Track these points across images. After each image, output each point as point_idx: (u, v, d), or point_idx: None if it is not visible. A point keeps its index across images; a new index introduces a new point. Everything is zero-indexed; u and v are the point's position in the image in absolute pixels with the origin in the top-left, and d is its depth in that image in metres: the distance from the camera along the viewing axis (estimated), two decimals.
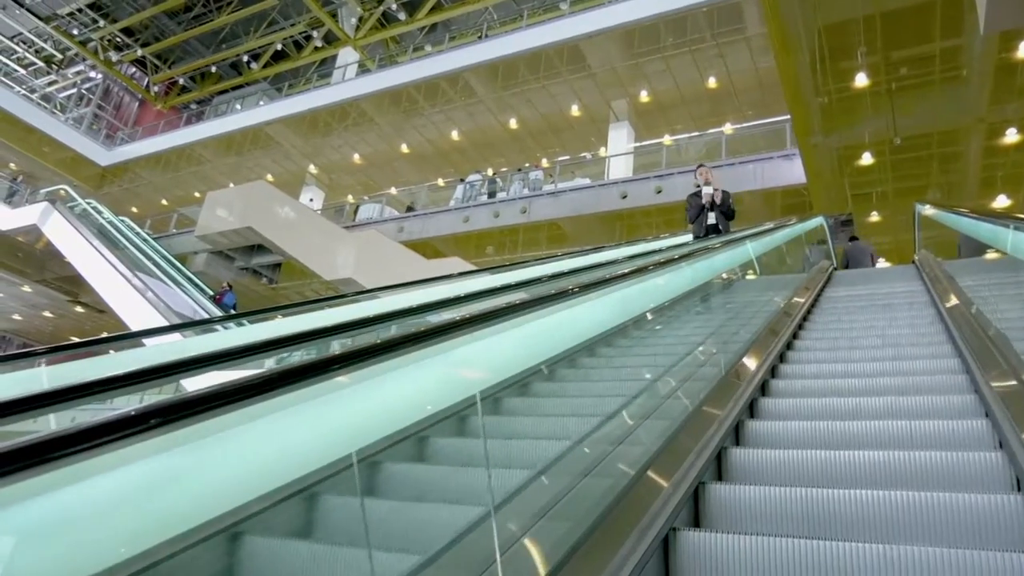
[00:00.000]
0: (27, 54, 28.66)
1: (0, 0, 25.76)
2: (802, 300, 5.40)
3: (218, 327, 4.44)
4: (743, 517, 2.06)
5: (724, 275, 5.53)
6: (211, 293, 15.27)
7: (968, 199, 12.72)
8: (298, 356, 1.79)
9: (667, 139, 17.38)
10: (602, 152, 18.09)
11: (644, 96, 17.19)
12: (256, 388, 1.00)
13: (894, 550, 1.62)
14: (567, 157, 19.09)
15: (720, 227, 7.21)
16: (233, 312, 14.08)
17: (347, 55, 22.97)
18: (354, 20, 23.08)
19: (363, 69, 21.30)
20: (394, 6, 22.40)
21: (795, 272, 7.94)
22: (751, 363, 3.39)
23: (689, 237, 7.53)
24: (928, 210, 9.09)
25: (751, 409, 3.01)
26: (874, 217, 13.89)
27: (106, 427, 0.79)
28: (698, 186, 7.58)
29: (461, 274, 6.45)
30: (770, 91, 14.96)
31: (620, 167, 16.59)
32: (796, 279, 6.69)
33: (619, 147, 17.27)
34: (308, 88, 21.26)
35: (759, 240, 6.43)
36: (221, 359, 1.49)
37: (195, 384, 1.04)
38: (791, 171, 13.08)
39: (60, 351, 2.67)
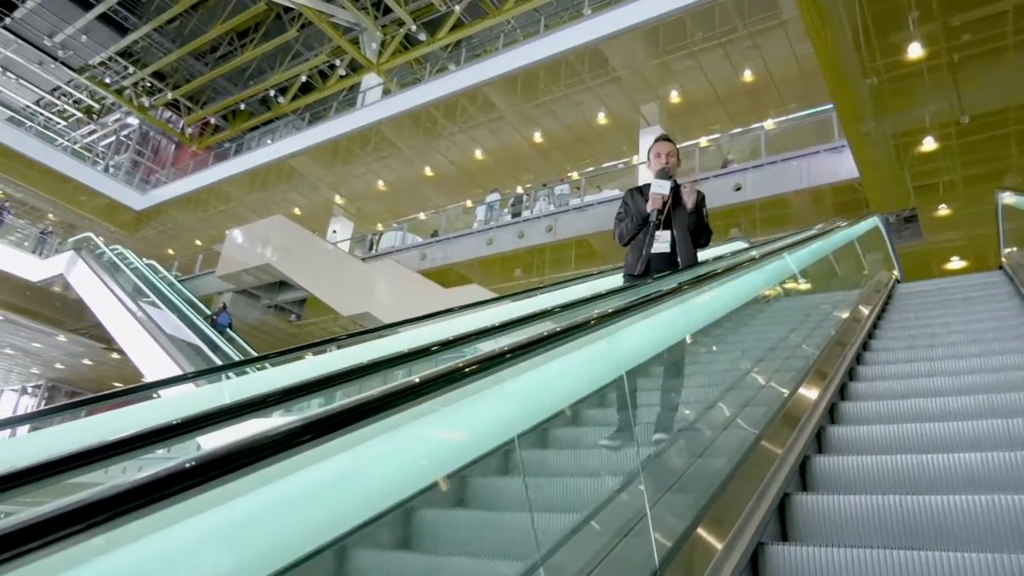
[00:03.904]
0: (67, 106, 29.25)
1: (36, 56, 26.32)
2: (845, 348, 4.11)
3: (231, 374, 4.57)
4: (834, 528, 2.01)
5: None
6: (208, 315, 15.54)
7: None
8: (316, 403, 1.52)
9: (703, 141, 16.01)
10: (635, 160, 16.85)
11: (675, 96, 15.92)
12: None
13: (1006, 559, 1.51)
14: (591, 169, 17.90)
15: (680, 256, 3.46)
16: (229, 330, 14.94)
17: (371, 80, 22.43)
18: (375, 45, 22.55)
19: (385, 93, 20.70)
20: (414, 27, 21.82)
21: (847, 289, 6.37)
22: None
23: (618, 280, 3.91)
24: (1009, 198, 7.58)
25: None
26: (942, 211, 12.22)
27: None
28: (647, 186, 3.68)
29: (466, 306, 5.46)
30: (814, 79, 13.50)
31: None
32: (845, 300, 5.36)
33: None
34: (328, 117, 20.72)
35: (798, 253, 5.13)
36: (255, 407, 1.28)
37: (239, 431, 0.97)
38: (841, 165, 11.62)
39: (107, 399, 2.87)
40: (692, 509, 1.83)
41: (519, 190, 18.49)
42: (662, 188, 3.46)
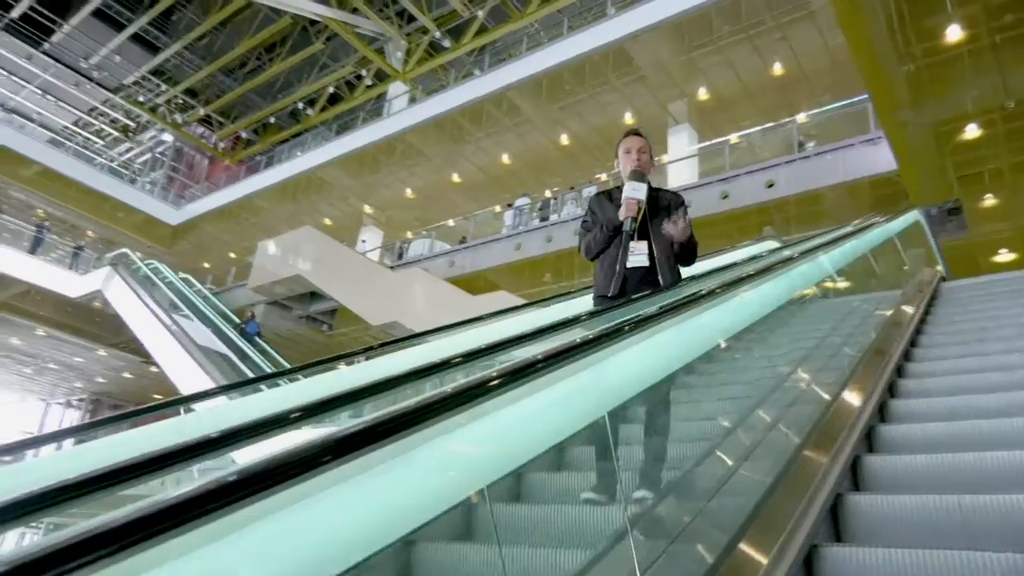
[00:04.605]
0: (104, 126, 29.92)
1: (74, 78, 26.98)
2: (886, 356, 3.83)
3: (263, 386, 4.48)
4: (889, 529, 1.97)
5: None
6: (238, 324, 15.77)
7: None
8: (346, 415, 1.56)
9: (733, 138, 15.58)
10: (664, 159, 16.48)
11: (703, 94, 15.53)
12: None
13: None
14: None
15: (660, 273, 2.88)
16: (258, 338, 15.19)
17: (398, 89, 22.44)
18: (400, 54, 22.57)
19: (411, 101, 20.67)
20: (438, 35, 21.77)
21: (888, 288, 5.96)
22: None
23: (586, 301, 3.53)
24: None
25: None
26: (988, 201, 11.60)
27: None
28: (616, 189, 3.03)
29: (495, 313, 5.29)
30: (846, 69, 13.01)
31: (683, 174, 14.95)
32: (886, 300, 5.00)
33: (679, 153, 15.62)
34: (355, 128, 20.76)
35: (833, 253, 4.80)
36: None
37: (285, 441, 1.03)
38: (878, 157, 11.14)
39: (143, 413, 2.98)
40: (740, 514, 1.80)
41: (547, 194, 18.25)
42: (637, 191, 2.86)
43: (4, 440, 2.80)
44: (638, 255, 2.84)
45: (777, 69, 14.47)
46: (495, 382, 1.31)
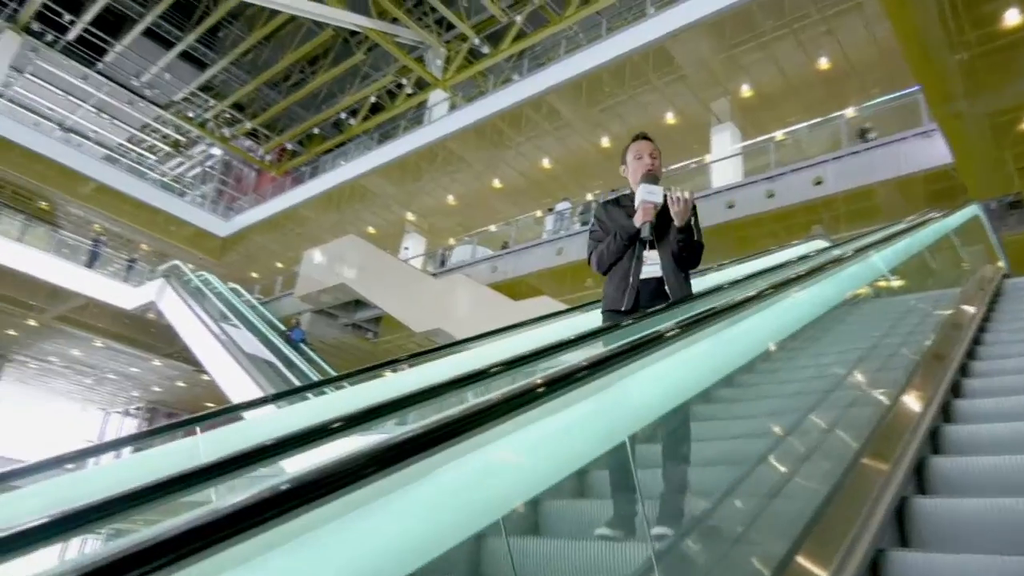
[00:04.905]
0: (156, 142, 30.87)
1: (126, 96, 27.91)
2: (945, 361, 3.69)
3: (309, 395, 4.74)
4: (957, 533, 1.89)
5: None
6: (283, 330, 16.17)
7: None
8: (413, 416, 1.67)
9: (778, 135, 15.25)
10: (707, 159, 16.24)
11: (746, 91, 15.27)
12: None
13: None
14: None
15: (668, 285, 2.70)
16: (302, 345, 15.56)
17: (438, 96, 22.62)
18: (440, 62, 22.76)
19: (452, 108, 20.82)
20: (477, 41, 21.91)
21: (945, 287, 5.72)
22: None
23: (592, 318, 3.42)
24: None
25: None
26: None
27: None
28: (624, 196, 2.93)
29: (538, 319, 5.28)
30: (896, 61, 12.64)
31: (727, 174, 14.70)
32: (944, 299, 4.82)
33: (723, 152, 15.37)
34: (396, 136, 21.00)
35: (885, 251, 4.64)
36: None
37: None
38: (932, 151, 10.77)
39: (196, 422, 3.23)
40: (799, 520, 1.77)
41: (588, 197, 18.14)
42: (654, 195, 2.68)
43: (68, 449, 2.90)
44: (651, 265, 2.70)
45: (823, 63, 14.15)
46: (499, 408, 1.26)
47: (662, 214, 2.69)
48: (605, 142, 17.60)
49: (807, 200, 12.29)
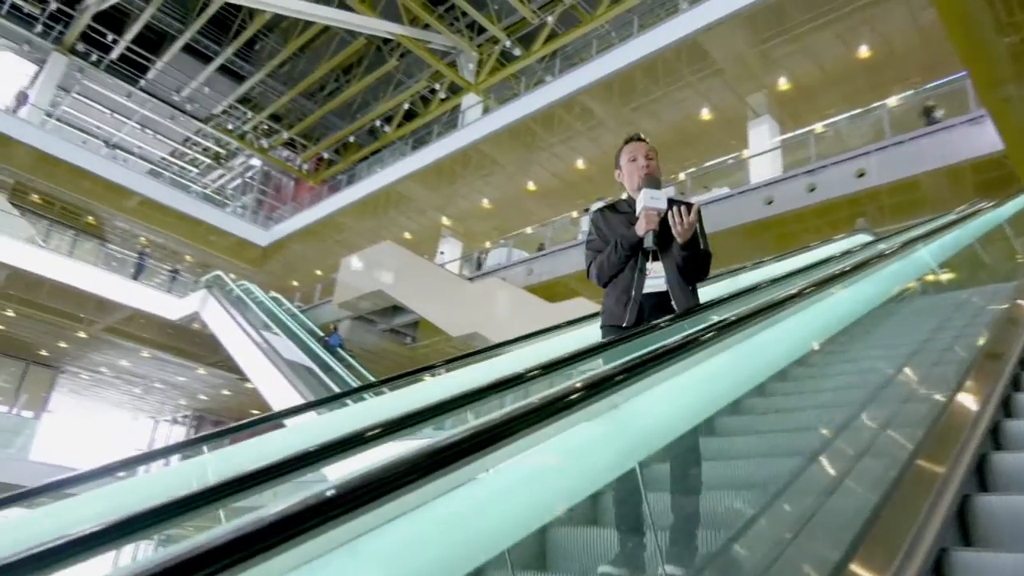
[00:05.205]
0: (197, 155, 31.60)
1: (168, 111, 28.62)
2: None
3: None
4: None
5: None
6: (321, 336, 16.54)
7: None
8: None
9: (818, 127, 14.93)
10: (744, 154, 15.99)
11: (783, 84, 14.99)
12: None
13: None
14: (693, 169, 17.11)
15: (673, 298, 2.47)
16: (340, 350, 15.84)
17: (471, 100, 22.71)
18: (472, 66, 22.87)
19: (485, 111, 20.88)
20: (508, 44, 21.95)
21: (999, 281, 5.46)
22: None
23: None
24: None
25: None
26: None
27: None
28: (622, 201, 2.81)
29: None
30: (940, 47, 12.30)
31: (765, 168, 14.45)
32: (999, 294, 4.64)
33: (761, 146, 15.11)
34: (430, 141, 21.12)
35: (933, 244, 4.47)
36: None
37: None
38: (981, 138, 10.42)
39: (239, 429, 3.47)
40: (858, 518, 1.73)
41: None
42: (657, 200, 2.45)
43: (119, 457, 2.95)
44: (655, 278, 2.48)
45: (862, 52, 13.81)
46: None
47: (664, 222, 2.47)
48: None
49: (850, 193, 11.99)
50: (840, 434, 2.39)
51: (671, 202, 2.49)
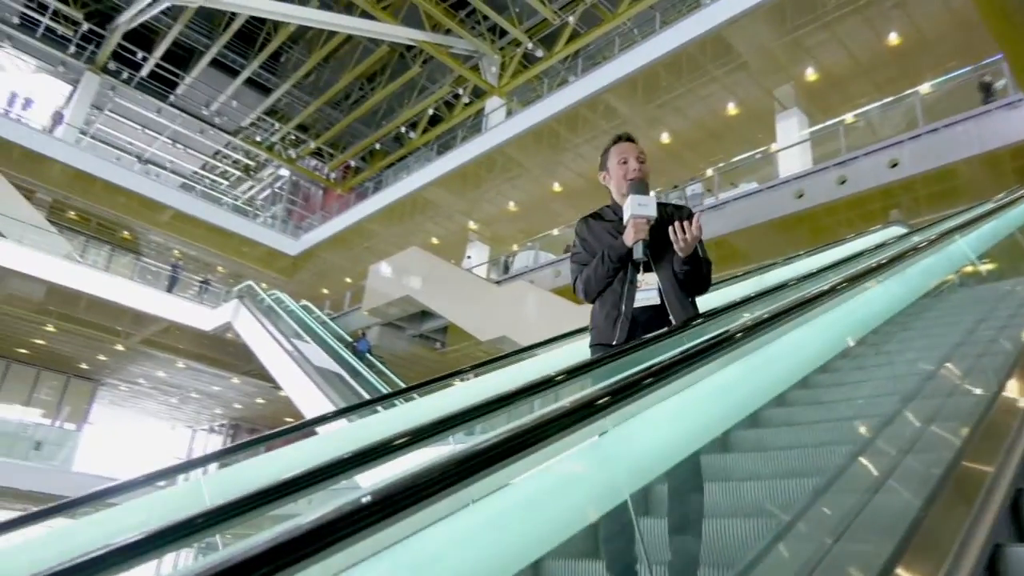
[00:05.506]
0: (227, 167, 32.12)
1: (198, 126, 29.14)
2: None
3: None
4: None
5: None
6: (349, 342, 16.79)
7: None
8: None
9: (848, 118, 14.67)
10: (772, 147, 15.76)
11: (811, 74, 14.75)
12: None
13: None
14: (722, 164, 16.90)
15: (671, 312, 2.24)
16: (368, 355, 16.08)
17: (495, 103, 22.75)
18: (495, 69, 22.93)
19: (508, 114, 20.90)
20: (530, 45, 21.96)
21: None
22: None
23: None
24: None
25: None
26: None
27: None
28: (607, 208, 2.52)
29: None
30: (974, 30, 12.01)
31: (795, 162, 14.23)
32: None
33: (789, 139, 14.89)
34: (454, 146, 21.20)
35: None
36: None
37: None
38: (1020, 122, 10.15)
39: (272, 438, 3.58)
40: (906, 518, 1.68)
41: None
42: (646, 207, 2.22)
43: (158, 466, 2.99)
44: (647, 291, 2.24)
45: (892, 39, 13.54)
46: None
47: (658, 229, 2.25)
48: (664, 138, 17.33)
49: (883, 184, 11.74)
50: (886, 429, 2.33)
51: (665, 208, 2.33)
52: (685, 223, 2.15)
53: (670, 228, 2.16)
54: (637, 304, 2.24)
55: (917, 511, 1.71)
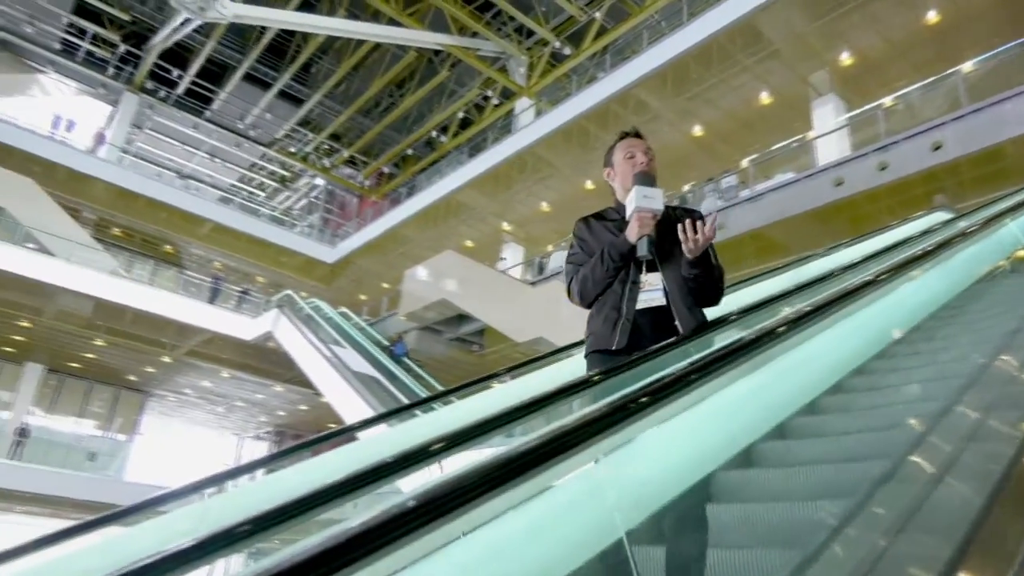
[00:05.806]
0: (263, 179, 32.72)
1: (234, 139, 29.74)
2: None
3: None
4: None
5: None
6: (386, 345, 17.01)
7: None
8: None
9: (887, 101, 14.29)
10: (809, 135, 15.45)
11: (846, 59, 14.42)
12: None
13: None
14: (755, 156, 16.60)
15: (677, 315, 2.05)
16: (405, 359, 16.25)
17: (524, 104, 22.74)
18: (523, 69, 22.91)
19: (538, 114, 20.87)
20: (558, 44, 21.90)
21: None
22: None
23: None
24: None
25: None
26: None
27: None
28: (610, 208, 2.44)
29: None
30: (1019, 3, 11.66)
31: (833, 149, 13.91)
32: None
33: (826, 126, 14.57)
34: (485, 148, 21.24)
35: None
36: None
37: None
38: None
39: (312, 444, 3.72)
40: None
41: (684, 188, 17.68)
42: (652, 200, 2.06)
43: (207, 473, 3.04)
44: (651, 291, 2.07)
45: (931, 18, 13.16)
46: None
47: (665, 225, 2.08)
48: (697, 131, 17.12)
49: (925, 168, 11.39)
50: (943, 420, 2.24)
51: (673, 210, 2.16)
52: (697, 223, 1.97)
53: (679, 227, 1.98)
54: (640, 306, 2.06)
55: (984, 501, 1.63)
